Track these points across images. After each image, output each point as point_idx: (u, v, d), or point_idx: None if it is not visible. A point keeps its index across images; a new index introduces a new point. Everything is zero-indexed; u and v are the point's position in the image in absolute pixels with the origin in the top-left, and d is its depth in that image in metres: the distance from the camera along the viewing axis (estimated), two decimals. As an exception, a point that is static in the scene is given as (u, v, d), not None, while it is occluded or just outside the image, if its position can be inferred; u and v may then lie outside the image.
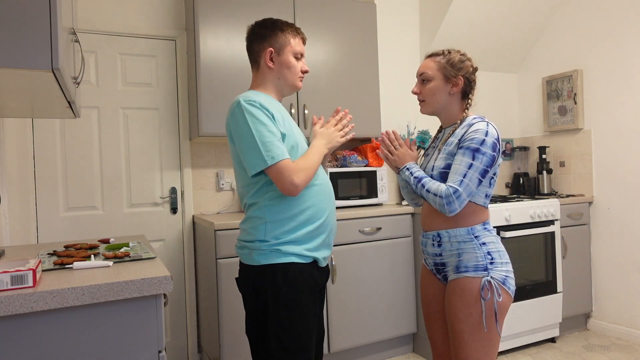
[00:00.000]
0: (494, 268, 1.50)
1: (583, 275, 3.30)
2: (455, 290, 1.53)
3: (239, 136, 1.47)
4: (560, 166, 3.61)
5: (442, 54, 1.62)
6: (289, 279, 1.47)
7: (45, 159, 2.65)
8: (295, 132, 1.58)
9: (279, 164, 1.42)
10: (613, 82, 3.23)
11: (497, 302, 1.48)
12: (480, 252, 1.52)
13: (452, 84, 1.59)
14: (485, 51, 3.69)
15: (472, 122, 1.55)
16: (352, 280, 2.73)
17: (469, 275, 1.51)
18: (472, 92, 1.63)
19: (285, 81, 1.61)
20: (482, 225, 1.56)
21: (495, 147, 1.50)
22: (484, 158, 1.48)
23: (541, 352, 2.98)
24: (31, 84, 1.27)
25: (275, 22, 1.61)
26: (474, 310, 1.49)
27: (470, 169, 1.47)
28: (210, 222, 2.47)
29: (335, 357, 2.75)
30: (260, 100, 1.47)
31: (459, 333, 1.51)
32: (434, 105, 1.63)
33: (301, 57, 1.63)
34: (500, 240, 1.59)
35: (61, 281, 1.13)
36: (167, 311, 2.90)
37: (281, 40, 1.58)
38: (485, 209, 1.59)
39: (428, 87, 1.62)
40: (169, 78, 2.95)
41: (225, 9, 2.68)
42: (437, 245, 1.60)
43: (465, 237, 1.54)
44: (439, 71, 1.60)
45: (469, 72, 1.61)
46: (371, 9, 3.15)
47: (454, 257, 1.56)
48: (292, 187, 1.43)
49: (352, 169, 3.03)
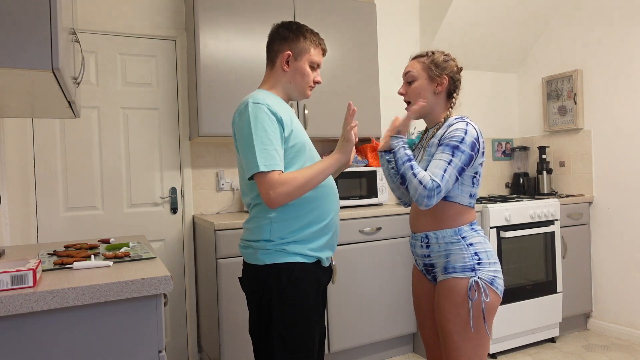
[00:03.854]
0: (482, 268, 1.51)
1: (583, 275, 3.30)
2: (443, 291, 1.54)
3: (241, 137, 1.47)
4: (560, 166, 3.61)
5: (426, 55, 1.63)
6: (294, 278, 1.47)
7: (45, 159, 2.65)
8: (302, 133, 1.58)
9: (267, 174, 1.41)
10: (613, 82, 3.23)
11: (484, 303, 1.48)
12: (467, 253, 1.52)
13: (437, 83, 1.60)
14: (485, 51, 3.69)
15: (453, 122, 1.56)
16: (352, 280, 2.73)
17: (457, 276, 1.51)
18: (456, 92, 1.64)
19: (295, 87, 1.61)
20: (469, 225, 1.56)
21: (474, 146, 1.50)
22: (462, 156, 1.48)
23: (541, 352, 2.98)
24: (31, 84, 1.27)
25: (301, 27, 1.61)
26: (462, 310, 1.49)
27: (449, 165, 1.47)
28: (210, 222, 2.47)
29: (335, 357, 2.75)
30: (269, 103, 1.47)
31: (449, 334, 1.52)
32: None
33: (317, 67, 1.62)
34: (487, 240, 1.59)
35: (61, 281, 1.13)
36: (167, 311, 2.90)
37: (302, 46, 1.58)
38: (471, 209, 1.59)
39: (413, 86, 1.63)
40: (169, 78, 2.95)
41: (225, 9, 2.68)
42: (426, 247, 1.61)
43: (452, 238, 1.55)
44: (424, 71, 1.61)
45: (453, 72, 1.62)
46: (371, 9, 3.15)
47: (442, 258, 1.56)
48: (268, 200, 1.42)
49: (352, 169, 3.03)
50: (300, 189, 1.44)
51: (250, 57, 2.74)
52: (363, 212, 2.78)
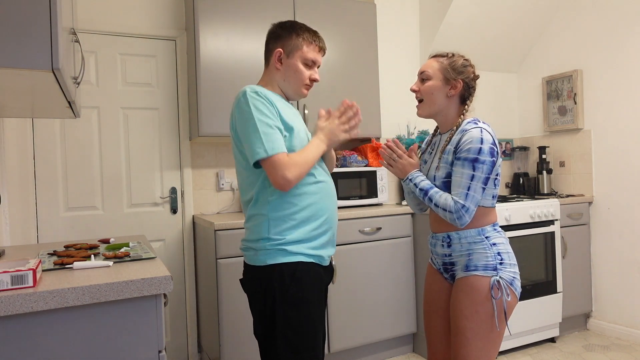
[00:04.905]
0: (503, 269, 1.51)
1: (583, 275, 3.30)
2: (463, 287, 1.54)
3: (243, 124, 1.47)
4: (560, 166, 3.61)
5: (446, 56, 1.63)
6: (297, 278, 1.47)
7: (45, 159, 2.65)
8: (300, 125, 1.58)
9: (274, 157, 1.42)
10: (613, 82, 3.23)
11: (506, 302, 1.49)
12: (490, 252, 1.53)
13: (451, 86, 1.60)
14: (485, 51, 3.69)
15: (466, 127, 1.55)
16: (352, 280, 2.73)
17: (478, 274, 1.51)
18: (470, 99, 1.63)
19: (289, 85, 1.61)
20: (492, 226, 1.57)
21: (492, 152, 1.51)
22: (484, 167, 1.49)
23: (541, 352, 2.98)
24: (31, 84, 1.27)
25: (294, 24, 1.61)
26: (480, 308, 1.49)
27: (473, 181, 1.48)
28: (210, 222, 2.47)
29: (335, 357, 2.75)
30: (265, 93, 1.49)
31: (462, 330, 1.52)
32: (431, 105, 1.63)
33: (313, 65, 1.62)
34: (508, 242, 1.60)
35: (61, 281, 1.13)
36: (167, 311, 2.90)
37: (293, 44, 1.58)
38: (493, 210, 1.60)
39: (426, 85, 1.62)
40: (169, 78, 2.95)
41: (225, 9, 2.68)
42: (447, 246, 1.61)
43: (476, 237, 1.55)
44: (440, 72, 1.60)
45: (469, 78, 1.61)
46: (371, 9, 3.15)
47: (464, 257, 1.57)
48: (284, 181, 1.42)
49: (352, 169, 3.03)
50: (307, 171, 1.48)
51: (250, 57, 2.74)
52: (363, 212, 2.78)
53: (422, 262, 2.90)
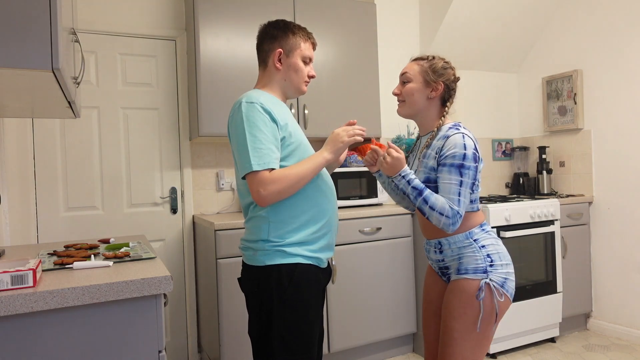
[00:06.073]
0: (494, 270, 1.52)
1: (583, 275, 3.30)
2: (453, 290, 1.56)
3: (235, 137, 1.48)
4: (560, 166, 3.61)
5: (427, 59, 1.64)
6: (295, 279, 1.47)
7: (45, 159, 2.65)
8: (298, 130, 1.58)
9: (256, 173, 1.41)
10: (613, 82, 3.23)
11: (498, 304, 1.50)
12: (480, 255, 1.53)
13: (432, 88, 1.61)
14: (485, 51, 3.69)
15: (448, 133, 1.55)
16: (352, 280, 2.73)
17: (468, 277, 1.52)
18: (450, 100, 1.64)
19: (290, 84, 1.61)
20: (479, 227, 1.58)
21: (475, 157, 1.52)
22: (469, 172, 1.50)
23: (541, 352, 2.98)
24: (31, 84, 1.27)
25: (288, 24, 1.61)
26: (469, 310, 1.50)
27: (462, 187, 1.49)
28: (210, 222, 2.47)
29: (335, 357, 2.75)
30: (262, 101, 1.47)
31: (450, 330, 1.53)
32: (412, 106, 1.64)
33: (309, 61, 1.63)
34: (499, 241, 1.60)
35: (61, 281, 1.13)
36: (167, 311, 2.90)
37: (291, 43, 1.58)
38: (478, 212, 1.60)
39: (407, 87, 1.63)
40: (169, 78, 2.95)
41: (225, 9, 2.68)
42: (439, 252, 1.63)
43: (464, 241, 1.56)
44: (420, 74, 1.62)
45: (449, 80, 1.62)
46: (371, 9, 3.15)
47: (455, 261, 1.58)
48: (258, 197, 1.43)
49: (352, 169, 3.03)
50: (292, 187, 1.45)
51: (250, 57, 2.74)
52: (363, 212, 2.78)
53: (422, 262, 2.91)
